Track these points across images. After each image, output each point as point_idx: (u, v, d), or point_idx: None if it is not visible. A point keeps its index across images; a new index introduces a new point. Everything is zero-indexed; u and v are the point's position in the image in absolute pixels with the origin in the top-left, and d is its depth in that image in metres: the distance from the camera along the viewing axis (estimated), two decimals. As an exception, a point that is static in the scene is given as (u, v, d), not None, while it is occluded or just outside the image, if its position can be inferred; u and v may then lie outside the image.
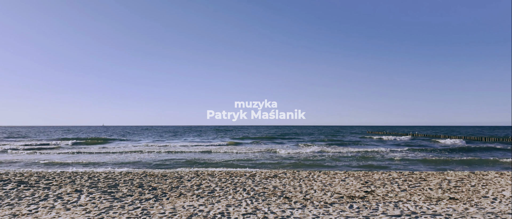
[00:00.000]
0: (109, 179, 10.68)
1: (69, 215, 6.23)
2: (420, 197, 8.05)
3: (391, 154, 23.34)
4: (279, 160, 19.36)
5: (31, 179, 10.43)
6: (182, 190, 8.97)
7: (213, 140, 42.85)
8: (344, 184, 9.93)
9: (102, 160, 19.49)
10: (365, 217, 6.08)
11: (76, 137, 48.92)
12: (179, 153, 24.67)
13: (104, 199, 7.77)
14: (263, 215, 6.31)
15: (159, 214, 6.36)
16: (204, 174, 12.44)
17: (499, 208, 6.70)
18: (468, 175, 11.77)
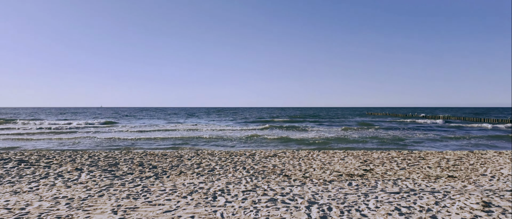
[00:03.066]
0: (109, 158, 10.73)
1: (70, 192, 6.26)
2: (419, 175, 8.10)
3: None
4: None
5: (31, 158, 10.46)
6: (182, 168, 9.01)
7: (241, 123, 38.93)
8: (343, 163, 9.99)
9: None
10: (364, 194, 6.12)
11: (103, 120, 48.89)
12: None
13: (105, 177, 7.81)
14: (262, 192, 6.35)
15: (160, 191, 6.39)
16: (204, 153, 12.49)
17: (497, 186, 6.75)
18: (467, 154, 11.84)
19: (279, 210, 5.09)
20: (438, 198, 5.78)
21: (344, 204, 5.44)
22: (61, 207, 5.25)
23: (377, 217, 4.69)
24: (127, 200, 5.71)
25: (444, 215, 4.76)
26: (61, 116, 58.04)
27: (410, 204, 5.40)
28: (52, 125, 32.95)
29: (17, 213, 4.88)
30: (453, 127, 31.94)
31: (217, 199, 5.80)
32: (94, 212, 4.99)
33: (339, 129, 29.14)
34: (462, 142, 18.82)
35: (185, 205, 5.43)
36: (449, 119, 48.66)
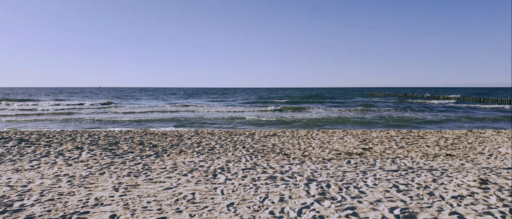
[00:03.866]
0: (109, 137, 10.77)
1: (71, 170, 6.32)
2: (417, 153, 8.17)
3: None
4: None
5: (31, 137, 10.50)
6: (182, 147, 9.07)
7: (242, 104, 37.36)
8: (342, 142, 10.05)
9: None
10: (363, 172, 6.18)
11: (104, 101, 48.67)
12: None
13: (105, 155, 7.87)
14: (262, 170, 6.41)
15: (160, 169, 6.45)
16: (204, 132, 12.54)
17: (494, 164, 6.82)
18: (466, 133, 11.90)
19: (279, 187, 5.16)
20: (436, 175, 5.84)
21: (342, 181, 5.50)
22: (62, 184, 5.31)
23: (375, 194, 4.75)
24: (128, 178, 5.77)
25: (441, 192, 4.83)
26: (58, 96, 57.84)
27: (408, 181, 5.46)
28: (47, 106, 32.87)
29: (20, 190, 4.93)
30: (472, 108, 29.90)
31: (217, 176, 5.86)
32: (96, 189, 5.05)
33: (342, 109, 29.14)
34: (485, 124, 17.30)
35: (185, 182, 5.49)
36: (463, 99, 45.79)
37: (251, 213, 3.97)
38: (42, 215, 3.90)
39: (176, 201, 4.48)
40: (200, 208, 4.16)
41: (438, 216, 3.79)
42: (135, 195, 4.74)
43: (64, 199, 4.53)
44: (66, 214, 3.92)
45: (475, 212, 3.91)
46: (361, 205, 4.25)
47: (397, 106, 31.80)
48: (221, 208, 4.16)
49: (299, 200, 4.49)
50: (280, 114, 23.69)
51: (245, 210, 4.08)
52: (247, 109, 28.75)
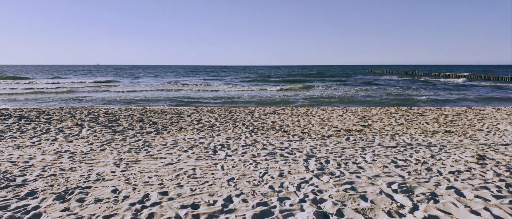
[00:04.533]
0: (109, 114, 10.78)
1: (72, 147, 6.36)
2: (416, 130, 8.21)
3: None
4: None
5: (31, 114, 10.50)
6: (182, 124, 9.09)
7: (253, 83, 35.21)
8: (341, 119, 10.07)
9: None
10: (361, 148, 6.23)
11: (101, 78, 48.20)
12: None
13: (105, 132, 7.89)
14: (262, 146, 6.45)
15: (161, 146, 6.49)
16: (203, 110, 12.54)
17: (492, 140, 6.86)
18: (465, 110, 11.91)
19: (278, 163, 5.21)
20: (434, 151, 5.89)
21: (341, 157, 5.55)
22: (64, 160, 5.35)
23: (374, 169, 4.80)
24: (129, 154, 5.81)
25: (439, 167, 4.88)
26: (54, 74, 57.30)
27: (406, 157, 5.51)
28: (44, 84, 32.66)
29: (22, 166, 4.98)
30: (486, 86, 28.21)
31: (217, 153, 5.91)
32: (97, 165, 5.09)
33: (343, 87, 29.02)
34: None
35: (186, 158, 5.54)
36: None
37: (251, 188, 4.02)
38: (45, 189, 3.95)
39: (177, 176, 4.53)
40: (201, 183, 4.22)
41: (435, 190, 3.85)
42: (136, 171, 4.79)
43: (66, 174, 4.58)
44: (68, 189, 3.97)
45: (471, 186, 3.97)
46: (359, 180, 4.31)
47: (408, 86, 29.42)
48: (221, 183, 4.21)
49: (298, 175, 4.54)
50: (280, 92, 23.63)
51: (245, 185, 4.13)
52: (246, 88, 28.64)
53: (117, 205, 3.51)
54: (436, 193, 3.75)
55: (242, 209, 3.38)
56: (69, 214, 3.26)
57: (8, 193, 3.82)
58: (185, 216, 3.22)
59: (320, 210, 3.30)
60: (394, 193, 3.77)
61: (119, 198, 3.70)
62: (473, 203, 3.42)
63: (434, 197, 3.63)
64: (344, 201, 3.58)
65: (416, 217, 3.10)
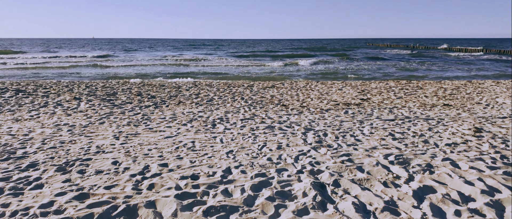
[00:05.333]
0: (107, 88, 10.71)
1: (71, 120, 6.36)
2: (415, 103, 8.22)
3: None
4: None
5: (28, 88, 10.43)
6: (181, 98, 9.06)
7: (252, 57, 33.47)
8: (340, 93, 10.05)
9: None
10: (359, 121, 6.26)
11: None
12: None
13: (104, 106, 7.88)
14: (260, 120, 6.48)
15: (160, 119, 6.50)
16: (202, 84, 12.46)
17: (490, 113, 6.89)
18: (465, 83, 11.88)
19: (277, 136, 5.24)
20: (432, 124, 5.93)
21: (339, 130, 5.59)
22: (63, 133, 5.37)
23: (371, 142, 4.85)
24: (128, 127, 5.83)
25: (436, 140, 4.93)
26: (48, 48, 56.22)
27: (404, 130, 5.55)
28: (38, 59, 32.18)
29: (21, 138, 5.00)
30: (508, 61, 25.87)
31: (216, 126, 5.94)
32: (96, 138, 5.12)
33: (348, 62, 28.70)
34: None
35: (185, 131, 5.57)
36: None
37: (249, 160, 4.08)
38: (45, 161, 3.99)
39: (177, 148, 4.58)
40: (200, 155, 4.27)
41: (431, 162, 3.91)
42: (136, 143, 4.83)
43: (66, 147, 4.62)
44: (69, 161, 4.02)
45: (467, 158, 4.03)
46: (356, 152, 4.36)
47: (424, 61, 28.04)
48: (220, 155, 4.26)
49: (296, 147, 4.59)
50: (279, 67, 23.41)
51: (244, 157, 4.18)
52: (245, 62, 28.32)
53: (118, 176, 3.56)
54: (432, 164, 3.81)
55: (241, 180, 3.44)
56: (70, 185, 3.31)
57: (10, 165, 3.87)
58: (185, 187, 3.28)
59: (317, 181, 3.36)
60: (390, 165, 3.83)
61: (119, 169, 3.76)
62: (467, 174, 3.49)
63: (429, 168, 3.69)
64: (341, 172, 3.65)
65: (411, 187, 3.17)
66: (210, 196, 3.07)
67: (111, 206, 2.82)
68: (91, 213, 2.69)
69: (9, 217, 2.66)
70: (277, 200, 2.99)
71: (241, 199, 2.99)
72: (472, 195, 3.03)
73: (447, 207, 2.82)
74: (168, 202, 2.91)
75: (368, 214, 2.74)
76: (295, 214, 2.73)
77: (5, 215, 2.70)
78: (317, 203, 2.90)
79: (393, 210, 2.78)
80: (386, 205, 2.86)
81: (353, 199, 2.95)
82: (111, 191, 3.16)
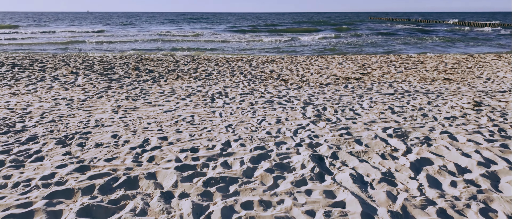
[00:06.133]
0: (104, 62, 10.57)
1: (69, 94, 6.32)
2: (415, 78, 8.16)
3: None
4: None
5: (24, 62, 10.28)
6: (179, 73, 8.97)
7: (250, 32, 31.34)
8: (341, 67, 9.95)
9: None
10: (359, 96, 6.24)
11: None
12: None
13: (101, 80, 7.80)
14: (260, 94, 6.45)
15: (158, 94, 6.47)
16: (200, 58, 12.30)
17: (490, 87, 6.86)
18: (466, 58, 11.75)
19: (276, 110, 5.24)
20: (431, 98, 5.91)
21: (338, 104, 5.58)
22: (61, 107, 5.35)
23: (370, 116, 4.86)
24: (127, 101, 5.81)
25: (435, 113, 4.94)
26: (40, 22, 54.83)
27: (403, 104, 5.55)
28: (30, 34, 31.50)
29: (20, 112, 4.98)
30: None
31: (215, 101, 5.91)
32: (95, 112, 5.11)
33: (351, 37, 28.19)
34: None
35: (184, 106, 5.55)
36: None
37: (249, 133, 4.09)
38: (45, 135, 4.00)
39: (176, 122, 4.58)
40: (199, 129, 4.28)
41: (429, 134, 3.93)
42: (134, 117, 4.83)
43: (65, 120, 4.61)
44: (68, 134, 4.03)
45: (465, 131, 4.05)
46: (355, 125, 4.37)
47: (428, 37, 27.71)
48: (220, 129, 4.27)
49: (295, 121, 4.60)
50: (281, 42, 23.02)
51: (243, 131, 4.20)
52: (245, 38, 27.81)
53: (118, 149, 3.58)
54: (430, 137, 3.84)
55: (240, 153, 3.47)
56: (71, 158, 3.34)
57: (9, 138, 3.88)
58: (185, 159, 3.31)
59: (315, 153, 3.39)
60: (388, 138, 3.86)
61: (119, 142, 3.77)
62: (465, 147, 3.52)
63: (427, 141, 3.72)
64: (339, 145, 3.67)
65: (409, 160, 3.20)
66: (210, 168, 3.11)
67: (112, 177, 2.86)
68: (92, 184, 2.72)
69: (11, 188, 2.70)
70: (276, 172, 3.03)
71: (240, 171, 3.03)
72: (469, 166, 3.07)
73: (443, 178, 2.87)
74: (168, 173, 2.94)
75: (365, 185, 2.79)
76: (293, 185, 2.77)
77: (7, 186, 2.74)
78: (315, 174, 2.94)
79: (390, 181, 2.83)
80: (383, 176, 2.90)
81: (350, 171, 2.99)
82: (111, 164, 3.18)
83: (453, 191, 2.66)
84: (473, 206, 2.40)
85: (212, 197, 2.61)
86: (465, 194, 2.58)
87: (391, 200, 2.51)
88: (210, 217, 2.33)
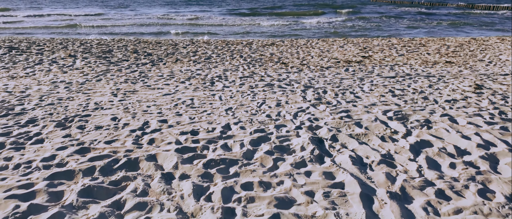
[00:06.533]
0: (102, 45, 10.44)
1: (67, 77, 6.27)
2: (417, 61, 8.08)
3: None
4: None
5: (21, 45, 10.15)
6: (178, 56, 8.88)
7: (249, 15, 33.28)
8: (342, 50, 9.84)
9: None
10: (360, 79, 6.20)
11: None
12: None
13: (100, 63, 7.73)
14: (260, 78, 6.40)
15: (157, 77, 6.42)
16: (199, 41, 12.15)
17: (492, 70, 6.81)
18: (469, 41, 11.61)
19: (276, 93, 5.21)
20: (433, 81, 5.87)
21: (339, 87, 5.55)
22: (60, 90, 5.32)
23: (371, 99, 4.84)
24: (126, 84, 5.77)
25: (435, 96, 4.91)
26: (32, 4, 53.75)
27: (404, 87, 5.51)
28: (23, 17, 30.99)
29: (18, 95, 4.96)
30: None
31: (215, 84, 5.88)
32: (94, 95, 5.09)
33: (356, 21, 27.76)
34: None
35: (183, 89, 5.52)
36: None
37: (249, 116, 4.08)
38: (45, 117, 4.00)
39: (176, 105, 4.56)
40: (199, 112, 4.27)
41: (429, 117, 3.92)
42: (134, 100, 4.80)
43: (64, 103, 4.60)
44: (68, 117, 4.02)
45: (465, 114, 4.04)
46: (355, 108, 4.36)
47: (434, 20, 27.83)
48: (219, 112, 4.26)
49: (295, 105, 4.58)
50: (280, 26, 22.68)
51: (243, 114, 4.19)
52: (243, 21, 27.39)
53: (118, 131, 3.59)
54: (430, 120, 3.83)
55: (240, 136, 3.47)
56: (71, 140, 3.34)
57: (9, 121, 3.87)
58: (185, 141, 3.31)
59: (315, 136, 3.40)
60: (389, 120, 3.85)
61: (119, 125, 3.77)
62: (465, 129, 3.52)
63: (427, 123, 3.71)
64: (339, 127, 3.67)
65: (409, 142, 3.21)
66: (210, 150, 3.12)
67: (113, 159, 2.87)
68: (93, 166, 2.74)
69: (13, 170, 2.71)
70: (276, 154, 3.04)
71: (240, 153, 3.04)
72: (468, 148, 3.08)
73: (442, 160, 2.88)
74: (168, 155, 2.95)
75: (364, 167, 2.81)
76: (293, 167, 2.79)
77: (8, 168, 2.75)
78: (314, 156, 2.95)
79: (389, 162, 2.84)
80: (383, 158, 2.91)
81: (350, 153, 3.00)
82: (111, 146, 3.19)
83: (452, 172, 2.67)
84: (472, 187, 2.42)
85: (212, 178, 2.63)
86: (464, 176, 2.59)
87: (390, 181, 2.53)
88: (211, 198, 2.35)
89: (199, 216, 2.15)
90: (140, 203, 2.25)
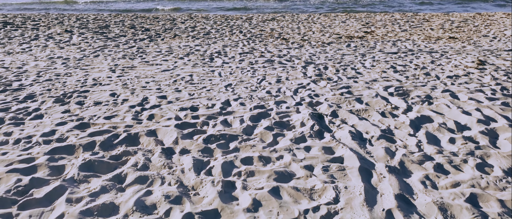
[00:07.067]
0: (98, 21, 10.21)
1: (64, 53, 6.18)
2: (419, 36, 7.93)
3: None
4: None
5: (16, 20, 9.93)
6: (176, 31, 8.70)
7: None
8: (344, 26, 9.63)
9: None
10: (362, 55, 6.10)
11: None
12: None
13: (97, 38, 7.59)
14: (260, 54, 6.30)
15: (155, 52, 6.32)
16: (198, 17, 11.87)
17: (496, 46, 6.69)
18: (474, 16, 11.33)
19: (276, 70, 5.15)
20: (435, 57, 5.79)
21: (340, 63, 5.47)
22: (58, 66, 5.25)
23: (372, 75, 4.78)
24: (124, 60, 5.69)
25: (437, 72, 4.85)
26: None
27: (406, 63, 5.44)
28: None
29: (16, 71, 4.90)
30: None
31: (214, 60, 5.79)
32: (92, 71, 5.03)
33: None
34: None
35: (182, 65, 5.45)
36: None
37: (248, 93, 4.05)
38: (43, 93, 3.97)
39: (175, 81, 4.52)
40: (198, 88, 4.23)
41: (430, 93, 3.89)
42: (132, 76, 4.75)
43: (62, 79, 4.55)
44: (66, 93, 3.99)
45: (467, 90, 4.01)
46: (356, 84, 4.32)
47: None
48: (219, 88, 4.22)
49: (295, 81, 4.54)
50: (280, 1, 22.05)
51: (242, 90, 4.15)
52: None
53: (117, 107, 3.57)
54: (431, 96, 3.81)
55: (240, 111, 3.46)
56: (70, 116, 3.33)
57: (7, 97, 3.85)
58: (185, 117, 3.30)
59: (315, 112, 3.38)
60: (389, 96, 3.82)
61: (118, 101, 3.75)
62: (466, 105, 3.50)
63: (428, 99, 3.69)
64: (340, 103, 3.65)
65: (409, 117, 3.20)
66: (210, 126, 3.11)
67: (112, 134, 2.87)
68: (93, 141, 2.74)
69: (13, 145, 2.72)
70: (276, 129, 3.04)
71: (240, 128, 3.04)
72: (468, 124, 3.07)
73: (442, 135, 2.88)
74: (168, 131, 2.95)
75: (364, 142, 2.81)
76: (293, 142, 2.79)
77: (8, 143, 2.76)
78: (314, 132, 2.95)
79: (389, 138, 2.85)
80: (383, 133, 2.91)
81: (350, 128, 3.00)
82: (111, 121, 3.19)
83: (451, 147, 2.68)
84: (470, 161, 2.44)
85: (212, 153, 2.64)
86: (463, 150, 2.60)
87: (389, 155, 2.54)
88: (211, 172, 2.38)
89: (200, 189, 2.18)
90: (141, 177, 2.27)
